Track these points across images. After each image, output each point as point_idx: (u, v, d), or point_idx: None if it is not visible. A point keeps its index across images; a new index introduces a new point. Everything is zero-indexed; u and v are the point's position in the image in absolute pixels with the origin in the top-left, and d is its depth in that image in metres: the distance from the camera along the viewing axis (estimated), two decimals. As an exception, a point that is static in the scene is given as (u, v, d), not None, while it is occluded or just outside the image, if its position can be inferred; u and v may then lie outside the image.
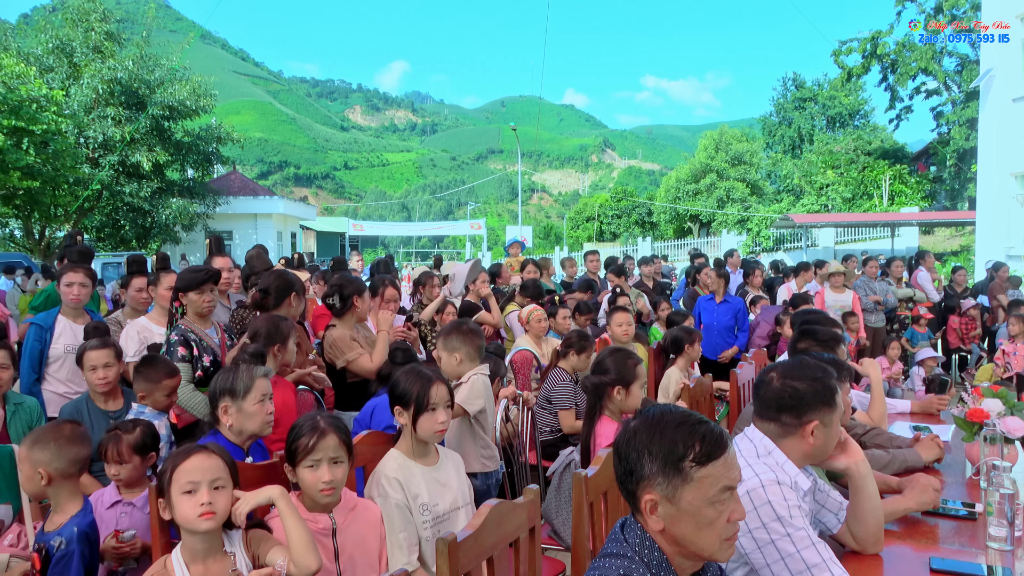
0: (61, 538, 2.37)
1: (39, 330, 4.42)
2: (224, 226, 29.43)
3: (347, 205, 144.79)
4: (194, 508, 2.06)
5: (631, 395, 3.31)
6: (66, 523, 2.42)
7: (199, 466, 2.12)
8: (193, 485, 2.08)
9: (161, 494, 2.14)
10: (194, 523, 2.06)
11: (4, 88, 19.26)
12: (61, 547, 2.35)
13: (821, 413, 2.13)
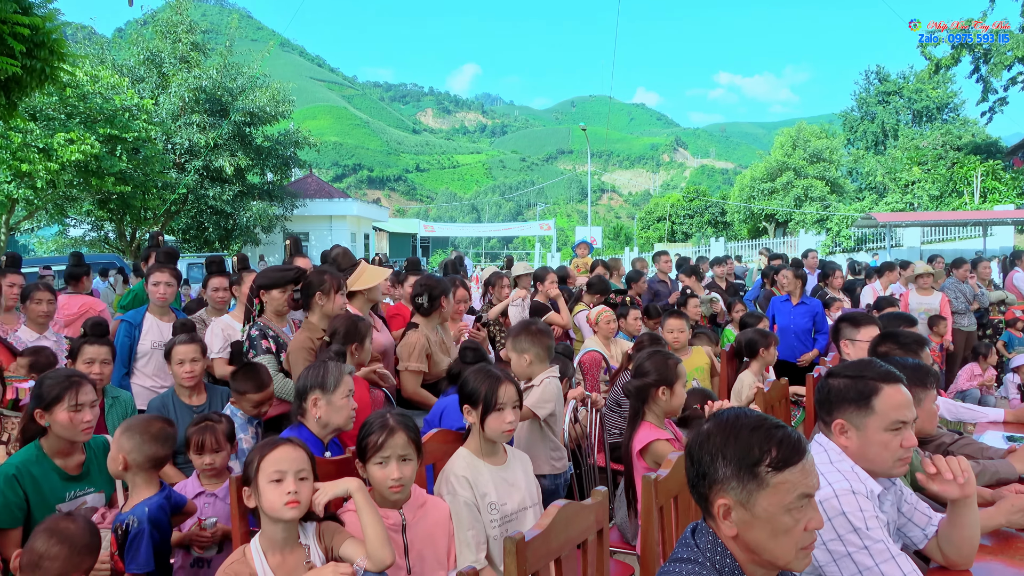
0: (133, 516, 2.51)
1: (129, 327, 4.66)
2: (301, 228, 30.32)
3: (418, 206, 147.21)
4: (281, 496, 2.14)
5: (675, 395, 3.25)
6: (138, 504, 2.56)
7: (286, 456, 2.20)
8: (280, 474, 2.16)
9: (247, 483, 2.22)
10: (280, 511, 2.14)
11: (101, 99, 20.42)
12: (133, 525, 2.49)
13: (848, 413, 2.02)
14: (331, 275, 4.06)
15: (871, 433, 2.01)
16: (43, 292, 4.73)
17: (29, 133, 18.51)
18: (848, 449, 2.03)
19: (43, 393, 2.72)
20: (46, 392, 2.72)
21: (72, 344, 4.06)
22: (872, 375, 2.03)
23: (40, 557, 2.09)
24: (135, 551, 2.45)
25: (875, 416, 2.01)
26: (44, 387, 2.76)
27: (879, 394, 2.01)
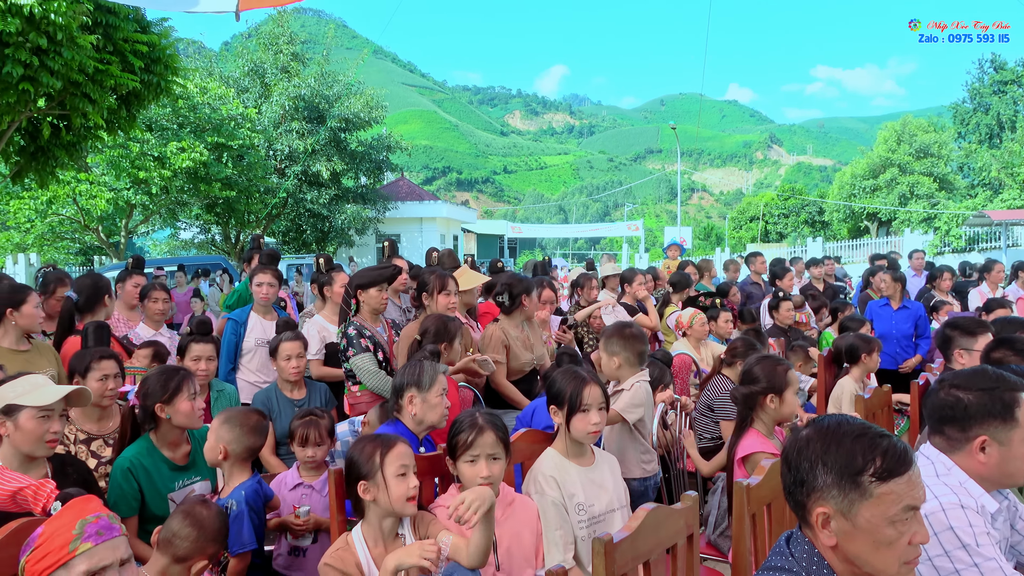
0: (233, 500, 2.69)
1: (235, 325, 4.92)
2: (392, 230, 31.15)
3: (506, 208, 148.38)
4: (406, 490, 2.23)
5: (785, 403, 3.14)
6: (235, 488, 2.74)
7: (405, 452, 2.30)
8: (405, 468, 2.26)
9: (363, 477, 2.27)
10: (404, 506, 2.24)
11: (209, 109, 21.64)
12: (232, 508, 2.66)
13: (991, 428, 1.88)
14: (438, 275, 4.15)
15: (1016, 446, 1.89)
16: (159, 291, 5.06)
17: (145, 143, 19.83)
18: (986, 466, 1.91)
19: (161, 387, 2.89)
20: (164, 386, 2.88)
21: (180, 342, 4.32)
22: (1007, 386, 1.92)
23: (173, 535, 2.24)
24: (237, 530, 2.62)
25: (1020, 428, 1.89)
26: (159, 382, 2.91)
27: (1021, 405, 1.90)
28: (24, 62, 8.54)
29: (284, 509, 2.98)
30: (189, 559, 2.20)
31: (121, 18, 10.04)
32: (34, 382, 2.50)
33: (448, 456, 2.51)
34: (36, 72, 8.72)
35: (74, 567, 1.64)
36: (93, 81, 9.61)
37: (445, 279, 4.21)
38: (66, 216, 22.19)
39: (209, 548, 2.27)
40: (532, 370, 4.51)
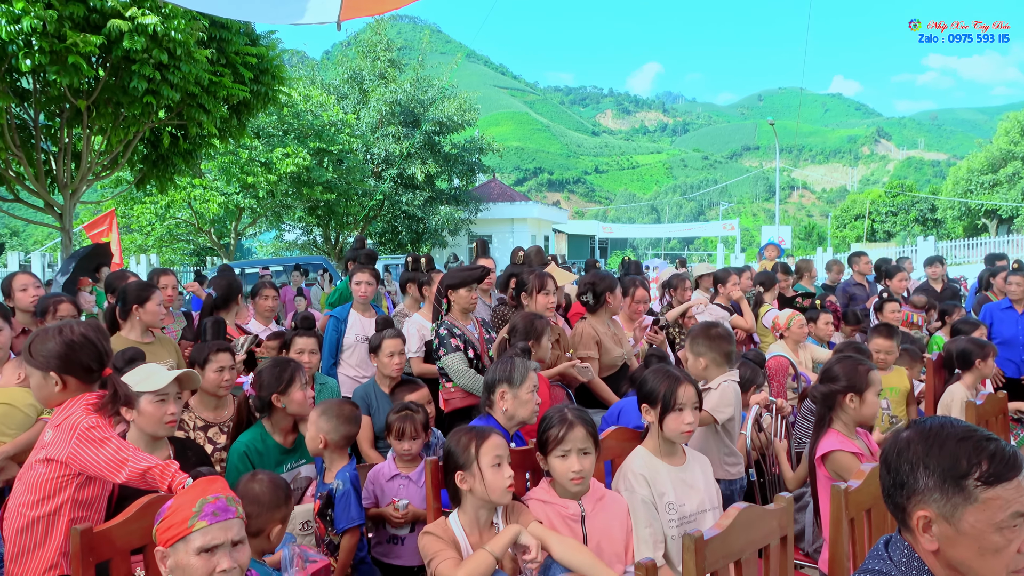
0: (339, 481, 2.88)
1: (336, 322, 5.16)
2: (484, 230, 31.59)
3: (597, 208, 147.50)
4: (503, 480, 2.31)
5: (865, 403, 3.01)
6: (339, 471, 2.94)
7: (499, 443, 2.38)
8: (499, 459, 2.34)
9: (459, 467, 2.36)
10: (501, 494, 2.31)
11: (311, 116, 22.63)
12: (339, 488, 2.86)
13: None
14: (537, 274, 4.23)
15: None
16: (269, 289, 5.37)
17: (253, 149, 20.94)
18: None
19: (276, 379, 3.11)
20: (278, 378, 3.12)
21: (285, 336, 4.58)
22: None
23: None
24: (345, 508, 2.81)
25: None
26: (273, 374, 3.15)
27: None
28: (148, 77, 9.21)
29: (382, 499, 3.11)
30: (263, 531, 2.34)
31: (233, 32, 10.67)
32: (148, 370, 2.74)
33: (539, 452, 2.56)
34: (158, 86, 9.39)
35: (191, 541, 1.79)
36: (208, 92, 10.26)
37: (544, 278, 4.27)
38: (182, 219, 23.71)
39: (276, 514, 2.40)
40: (623, 366, 4.51)
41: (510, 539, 2.20)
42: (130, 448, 2.23)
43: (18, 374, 3.30)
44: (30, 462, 2.32)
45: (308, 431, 3.01)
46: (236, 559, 1.82)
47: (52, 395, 2.33)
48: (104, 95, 9.93)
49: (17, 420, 3.16)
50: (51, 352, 2.30)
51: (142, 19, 8.77)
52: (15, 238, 48.29)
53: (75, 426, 2.22)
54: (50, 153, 11.27)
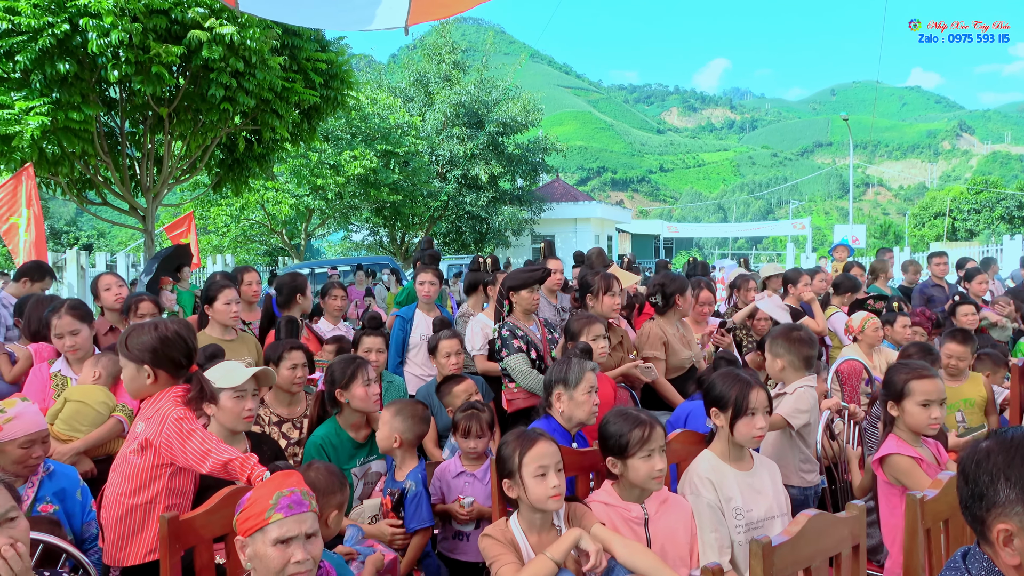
0: (411, 481, 2.95)
1: (402, 321, 5.26)
2: (547, 230, 31.59)
3: (662, 207, 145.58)
4: (546, 490, 2.30)
5: (906, 412, 2.90)
6: (411, 472, 3.00)
7: (545, 451, 2.36)
8: (543, 468, 2.32)
9: (506, 475, 2.39)
10: (546, 504, 2.31)
11: (378, 119, 23.09)
12: (412, 488, 2.92)
13: None
14: (603, 276, 4.23)
15: None
16: (338, 289, 5.52)
17: (323, 152, 21.51)
18: None
19: (340, 374, 3.21)
20: (342, 373, 3.21)
21: (355, 335, 4.70)
22: None
23: None
24: (417, 508, 2.88)
25: None
26: (338, 369, 3.27)
27: None
28: (225, 84, 9.59)
29: (448, 496, 3.17)
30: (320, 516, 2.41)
31: (304, 39, 11.00)
32: (228, 368, 2.87)
33: (611, 454, 2.53)
34: (234, 93, 9.77)
35: (268, 533, 1.87)
36: (280, 98, 10.61)
37: (610, 280, 4.26)
38: (255, 221, 24.55)
39: (332, 500, 2.47)
40: (691, 368, 4.46)
41: (571, 543, 2.21)
42: (214, 440, 2.34)
43: (95, 372, 3.49)
44: (124, 453, 2.46)
45: (380, 430, 3.09)
46: (310, 551, 1.89)
47: (144, 387, 2.47)
48: (184, 102, 10.38)
49: (90, 417, 3.34)
50: (145, 346, 2.44)
51: (220, 29, 9.13)
52: (102, 239, 50.85)
53: (165, 417, 2.35)
54: (134, 159, 11.86)
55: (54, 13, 8.55)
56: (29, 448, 2.53)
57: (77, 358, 3.68)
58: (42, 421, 2.62)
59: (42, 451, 2.60)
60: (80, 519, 2.64)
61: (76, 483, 2.66)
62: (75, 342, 3.63)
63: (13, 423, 2.50)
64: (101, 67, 9.13)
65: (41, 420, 2.62)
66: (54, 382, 3.62)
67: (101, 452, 3.47)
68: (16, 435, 2.48)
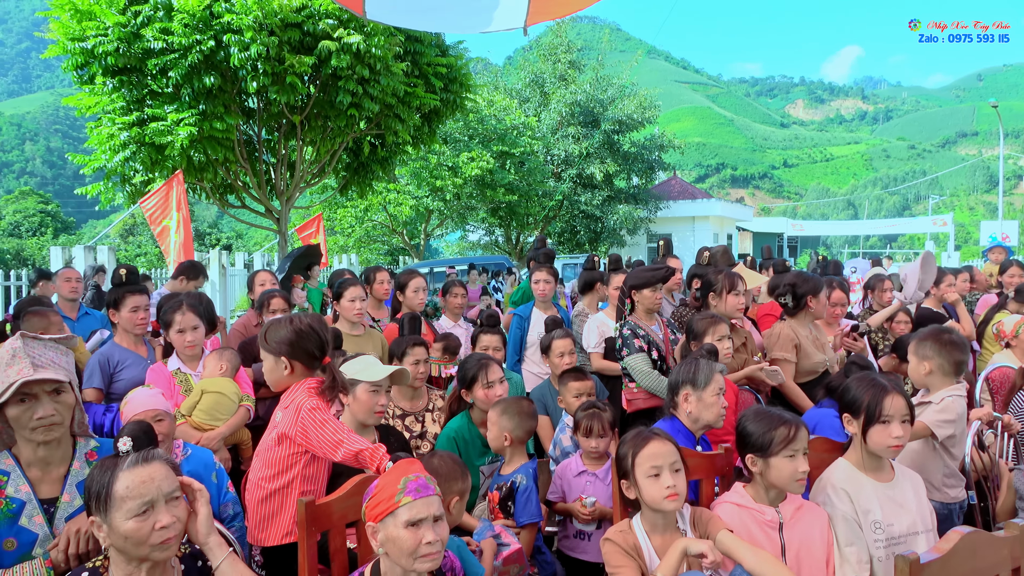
0: (522, 476, 2.98)
1: (520, 320, 5.32)
2: (663, 229, 30.99)
3: (785, 204, 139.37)
4: (660, 490, 2.27)
5: None
6: (521, 467, 3.03)
7: (659, 451, 2.32)
8: (656, 469, 2.29)
9: (623, 475, 2.39)
10: (661, 504, 2.28)
11: (495, 120, 23.47)
12: (522, 483, 2.96)
13: None
14: (727, 275, 4.12)
15: None
16: (458, 287, 5.65)
17: (441, 154, 22.10)
18: None
19: (464, 375, 3.34)
20: (466, 373, 3.34)
21: (472, 333, 4.79)
22: None
23: None
24: (527, 503, 2.90)
25: None
26: (464, 369, 3.38)
27: None
28: (351, 91, 10.04)
29: (569, 494, 3.17)
30: (444, 502, 2.44)
31: (426, 44, 11.34)
32: (368, 361, 2.99)
33: (751, 454, 2.44)
34: (360, 99, 10.21)
35: (398, 516, 1.94)
36: (403, 103, 10.99)
37: (734, 279, 4.13)
38: (378, 222, 25.56)
39: (454, 486, 2.50)
40: (822, 373, 4.24)
41: (679, 557, 2.13)
42: (345, 430, 2.46)
43: (220, 365, 3.72)
44: (265, 440, 2.62)
45: (490, 431, 3.12)
46: (438, 533, 1.96)
47: (282, 378, 2.63)
48: (314, 110, 10.95)
49: (226, 407, 3.57)
50: (282, 339, 2.60)
51: (348, 39, 9.57)
52: (239, 240, 54.49)
53: (300, 407, 2.49)
54: (269, 164, 12.62)
55: (201, 31, 9.24)
56: None
57: (193, 355, 3.78)
58: (156, 402, 2.86)
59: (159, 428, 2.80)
60: (218, 499, 2.83)
61: (212, 466, 2.85)
62: (192, 338, 3.72)
63: (128, 406, 2.84)
64: (241, 79, 9.78)
65: (155, 401, 2.86)
66: (177, 379, 3.75)
67: (231, 440, 3.72)
68: (130, 416, 2.79)
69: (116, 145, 10.10)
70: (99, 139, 10.38)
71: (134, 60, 9.44)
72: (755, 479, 2.46)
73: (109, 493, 1.82)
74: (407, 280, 5.00)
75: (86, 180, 11.64)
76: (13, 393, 2.00)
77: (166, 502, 1.86)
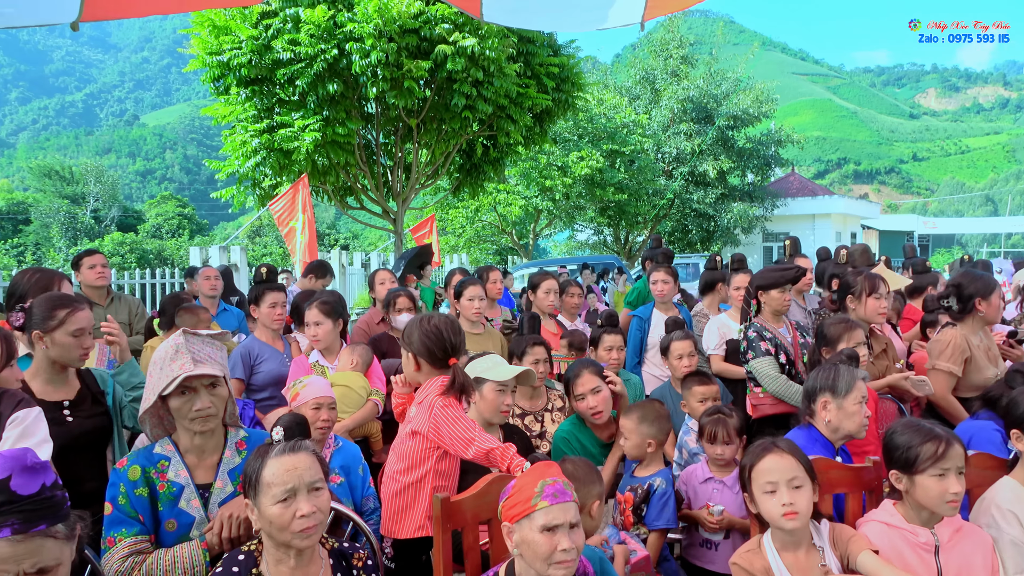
0: (661, 480, 2.93)
1: (640, 321, 5.22)
2: (781, 228, 29.72)
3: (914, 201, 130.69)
4: (777, 508, 2.16)
5: None
6: (660, 471, 2.99)
7: (774, 466, 2.20)
8: (772, 485, 2.18)
9: (744, 488, 2.30)
10: (779, 522, 2.17)
11: (604, 119, 23.27)
12: (660, 487, 2.90)
13: None
14: (867, 276, 3.90)
15: None
16: (575, 287, 5.63)
17: (551, 154, 22.13)
18: None
19: (564, 384, 3.36)
20: (569, 378, 3.35)
21: (592, 333, 4.74)
22: None
23: None
24: (664, 508, 2.85)
25: None
26: (564, 379, 3.41)
27: None
28: (466, 94, 10.21)
29: (695, 501, 3.07)
30: (584, 507, 2.41)
31: (538, 45, 11.39)
32: (495, 360, 3.01)
33: (896, 468, 2.29)
34: (474, 101, 10.37)
35: (535, 519, 1.93)
36: (515, 104, 11.07)
37: (875, 281, 3.86)
38: (488, 222, 25.91)
39: (593, 490, 2.47)
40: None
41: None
42: (476, 428, 2.48)
43: (351, 359, 3.86)
44: (401, 434, 2.69)
45: (629, 439, 3.07)
46: (574, 540, 1.92)
47: (414, 374, 2.71)
48: (430, 113, 11.22)
49: (353, 400, 3.72)
50: (412, 338, 2.67)
51: (463, 42, 9.74)
52: (355, 240, 56.78)
53: (432, 404, 2.54)
54: (386, 167, 13.05)
55: (326, 41, 9.67)
56: (318, 411, 3.05)
57: (320, 347, 4.01)
58: (329, 390, 3.12)
59: (328, 415, 3.08)
60: (361, 492, 2.96)
61: (359, 459, 3.00)
62: (316, 333, 3.95)
63: (306, 389, 3.09)
64: (362, 85, 10.15)
65: (328, 389, 3.12)
66: (315, 370, 3.95)
67: (359, 433, 3.85)
68: (307, 399, 3.05)
69: (248, 151, 10.74)
70: (233, 146, 11.07)
71: (264, 71, 10.00)
72: (905, 497, 2.29)
73: (259, 478, 1.93)
74: (539, 281, 5.01)
75: (218, 185, 12.47)
76: (176, 386, 2.14)
77: (308, 492, 1.93)
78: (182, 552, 2.12)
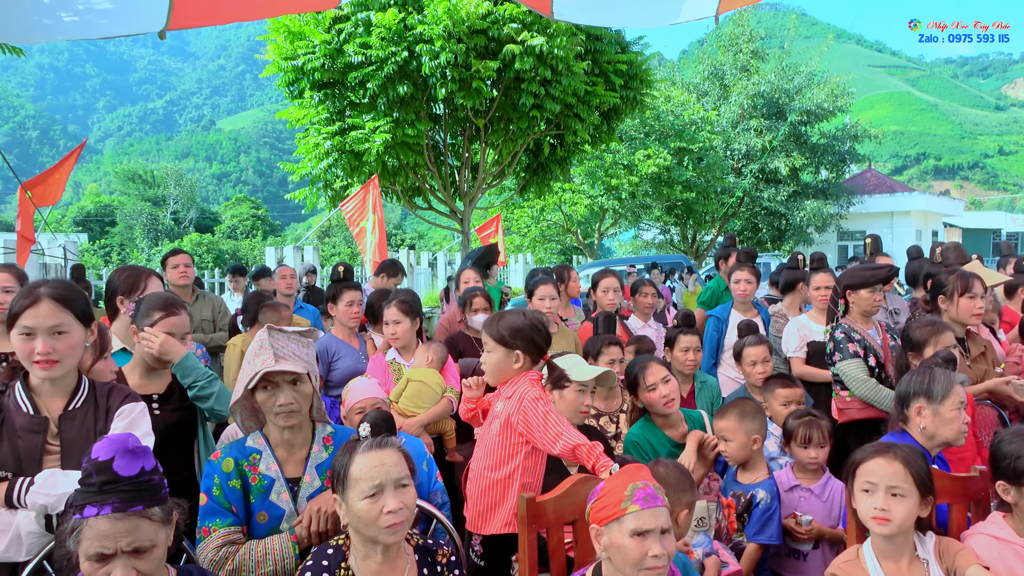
0: (766, 493, 2.80)
1: (717, 322, 5.10)
2: (856, 226, 28.67)
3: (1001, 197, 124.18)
4: (868, 509, 2.08)
5: None
6: (764, 481, 2.86)
7: (879, 468, 2.11)
8: (870, 485, 2.10)
9: (846, 482, 2.22)
10: (868, 523, 2.08)
11: (672, 116, 22.90)
12: (764, 500, 2.78)
13: None
14: (960, 275, 3.72)
15: None
16: (648, 287, 5.53)
17: (617, 153, 21.91)
18: None
19: (628, 380, 3.28)
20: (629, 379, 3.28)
21: (667, 333, 4.65)
22: None
23: None
24: (768, 523, 2.74)
25: None
26: (628, 375, 3.31)
27: None
28: (534, 93, 10.19)
29: (782, 509, 2.97)
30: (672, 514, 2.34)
31: (606, 43, 11.27)
32: (575, 360, 2.98)
33: (1003, 478, 2.16)
34: (542, 100, 10.34)
35: (625, 523, 1.89)
36: (582, 102, 10.99)
37: (969, 280, 3.68)
38: (553, 221, 25.84)
39: (683, 497, 2.40)
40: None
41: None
42: (565, 423, 2.45)
43: (427, 356, 3.89)
44: (487, 429, 2.68)
45: (733, 439, 2.94)
46: (665, 546, 1.87)
47: (509, 369, 2.63)
48: (497, 113, 11.25)
49: (428, 396, 3.75)
50: (518, 332, 2.61)
51: (531, 41, 9.72)
52: (421, 240, 57.58)
53: (523, 397, 2.53)
54: (454, 167, 13.16)
55: (396, 43, 9.80)
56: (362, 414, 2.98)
57: (398, 346, 4.05)
58: (375, 392, 3.12)
59: None
60: (427, 488, 2.95)
61: (423, 455, 2.98)
62: (394, 331, 3.99)
63: (351, 394, 3.11)
64: (431, 87, 10.26)
65: (374, 391, 3.12)
66: (391, 368, 4.03)
67: (435, 430, 3.87)
68: (351, 402, 3.06)
69: (320, 153, 11.00)
70: (306, 148, 11.35)
71: (336, 74, 10.22)
72: (1015, 509, 2.16)
73: (347, 473, 1.96)
74: (599, 279, 4.99)
75: (290, 186, 12.79)
76: (259, 380, 2.19)
77: (395, 488, 1.95)
78: (273, 544, 2.16)
